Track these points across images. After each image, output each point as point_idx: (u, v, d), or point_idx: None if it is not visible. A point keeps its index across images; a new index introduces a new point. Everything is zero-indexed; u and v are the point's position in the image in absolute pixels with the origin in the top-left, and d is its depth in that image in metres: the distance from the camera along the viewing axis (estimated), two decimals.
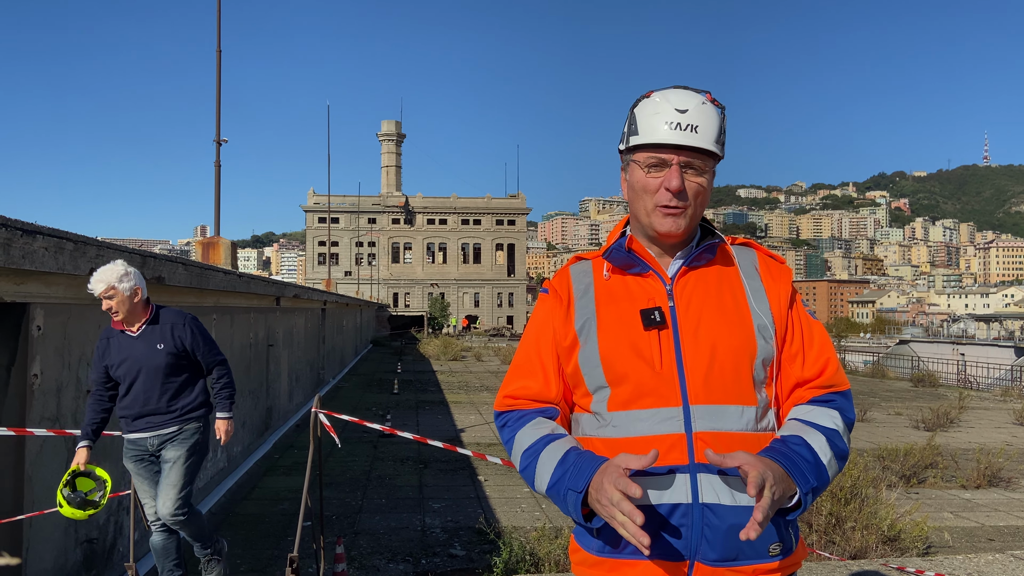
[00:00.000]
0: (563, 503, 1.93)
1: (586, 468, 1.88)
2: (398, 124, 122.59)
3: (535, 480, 2.01)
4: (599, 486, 1.80)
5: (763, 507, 1.73)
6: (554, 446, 1.99)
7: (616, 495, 1.74)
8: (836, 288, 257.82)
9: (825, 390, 2.05)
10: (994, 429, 18.22)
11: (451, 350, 43.70)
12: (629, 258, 2.07)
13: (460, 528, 8.65)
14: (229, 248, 18.56)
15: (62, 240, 4.98)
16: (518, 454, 2.06)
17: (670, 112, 1.98)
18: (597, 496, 1.80)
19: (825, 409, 2.02)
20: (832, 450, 1.94)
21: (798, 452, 1.89)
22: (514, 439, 2.09)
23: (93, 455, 4.91)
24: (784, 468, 1.84)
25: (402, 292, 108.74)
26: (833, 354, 2.10)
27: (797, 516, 1.91)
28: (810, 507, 7.44)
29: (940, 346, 53.00)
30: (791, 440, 1.93)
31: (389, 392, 23.37)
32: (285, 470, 11.72)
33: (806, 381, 2.06)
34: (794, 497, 1.86)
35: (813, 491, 1.89)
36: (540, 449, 2.00)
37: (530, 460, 2.02)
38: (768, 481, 1.75)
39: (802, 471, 1.86)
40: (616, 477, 1.76)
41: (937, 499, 10.57)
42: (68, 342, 5.65)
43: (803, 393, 2.06)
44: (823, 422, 1.98)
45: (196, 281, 8.02)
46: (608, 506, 1.76)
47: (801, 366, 2.06)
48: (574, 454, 1.95)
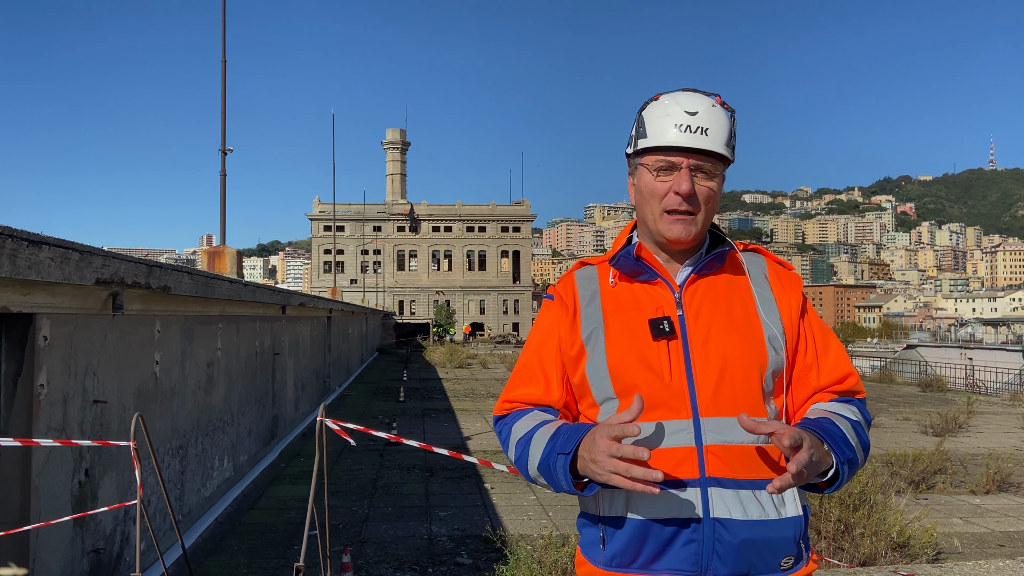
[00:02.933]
0: (553, 475, 1.85)
1: (576, 433, 1.83)
2: (403, 132, 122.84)
3: (528, 464, 1.95)
4: (591, 444, 1.74)
5: (799, 460, 1.68)
6: (547, 427, 1.94)
7: (613, 444, 1.67)
8: (842, 293, 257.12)
9: (842, 395, 2.03)
10: (1003, 434, 18.10)
11: (457, 357, 43.63)
12: (637, 265, 2.02)
13: (467, 536, 8.62)
14: (235, 257, 18.59)
15: (68, 250, 4.98)
16: (513, 445, 2.01)
17: (679, 114, 1.94)
18: (591, 456, 1.73)
19: (845, 405, 2.00)
20: (857, 437, 1.91)
21: (830, 428, 1.86)
22: (510, 433, 2.05)
23: (100, 466, 4.89)
24: (819, 437, 1.80)
25: (407, 300, 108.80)
26: (850, 363, 2.07)
27: (836, 489, 1.86)
28: (817, 513, 7.23)
29: (948, 351, 52.72)
30: (821, 419, 1.90)
31: (395, 400, 23.34)
32: (291, 479, 11.70)
33: (823, 388, 2.03)
34: (828, 471, 1.82)
35: (849, 464, 1.84)
36: (533, 434, 1.96)
37: (524, 447, 1.97)
38: (805, 442, 1.71)
39: (837, 443, 1.82)
40: (609, 427, 1.71)
41: (946, 505, 10.50)
42: (74, 352, 5.66)
43: (821, 396, 2.03)
44: (845, 414, 1.96)
45: (202, 290, 8.03)
46: (605, 460, 1.68)
47: (817, 375, 2.03)
48: (566, 427, 1.90)
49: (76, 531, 5.63)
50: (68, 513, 5.43)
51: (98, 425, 6.01)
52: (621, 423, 1.72)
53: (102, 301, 5.93)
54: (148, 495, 6.80)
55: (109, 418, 6.22)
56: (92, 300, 5.77)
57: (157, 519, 7.16)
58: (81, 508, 5.66)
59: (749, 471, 1.87)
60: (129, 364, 6.70)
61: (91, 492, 5.87)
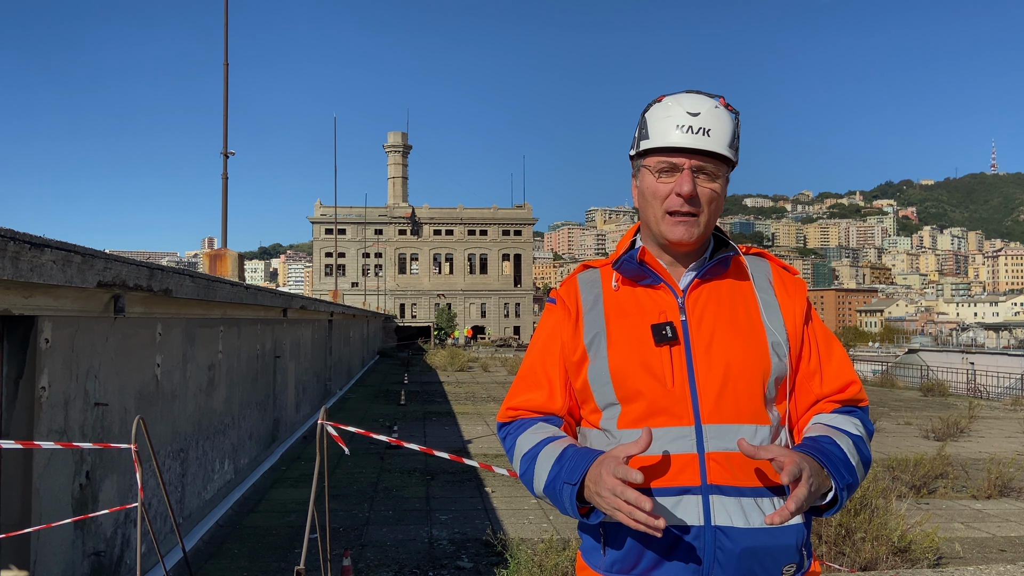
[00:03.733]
0: (559, 500, 1.86)
1: (582, 461, 1.82)
2: (404, 135, 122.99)
3: (533, 482, 1.95)
4: (597, 478, 1.74)
5: (798, 496, 1.68)
6: (552, 446, 1.94)
7: (618, 485, 1.68)
8: (844, 297, 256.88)
9: (845, 404, 2.02)
10: (1005, 439, 18.07)
11: (458, 361, 43.63)
12: (640, 269, 2.01)
13: (467, 540, 8.61)
14: (236, 260, 18.60)
15: (70, 253, 4.99)
16: (518, 459, 2.01)
17: (682, 115, 1.93)
18: (596, 489, 1.74)
19: (848, 417, 1.99)
20: (859, 455, 1.90)
21: (830, 450, 1.85)
22: (515, 445, 2.04)
23: (101, 469, 4.90)
24: (819, 462, 1.79)
25: (409, 303, 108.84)
26: (853, 370, 2.06)
27: (834, 513, 1.86)
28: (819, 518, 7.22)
29: (949, 355, 52.62)
30: (822, 439, 1.89)
31: (396, 403, 23.33)
32: (292, 482, 11.70)
33: (826, 396, 2.02)
34: (827, 495, 1.82)
35: (848, 488, 1.84)
36: (539, 451, 1.95)
37: (529, 463, 1.96)
38: (805, 472, 1.71)
39: (837, 467, 1.82)
40: (615, 466, 1.70)
41: (948, 510, 10.48)
42: (76, 355, 5.66)
43: (824, 405, 2.02)
44: (847, 428, 1.95)
45: (203, 293, 8.03)
46: (610, 497, 1.69)
47: (820, 383, 2.02)
48: (572, 450, 1.89)
49: (77, 534, 5.63)
50: (69, 516, 5.43)
51: (99, 428, 6.01)
52: (627, 456, 1.73)
53: (104, 304, 5.93)
54: (149, 498, 6.80)
55: (110, 421, 6.22)
56: (94, 303, 5.77)
57: (158, 522, 7.15)
58: (82, 511, 5.65)
59: (751, 479, 1.86)
60: (130, 367, 6.70)
61: (92, 495, 5.87)
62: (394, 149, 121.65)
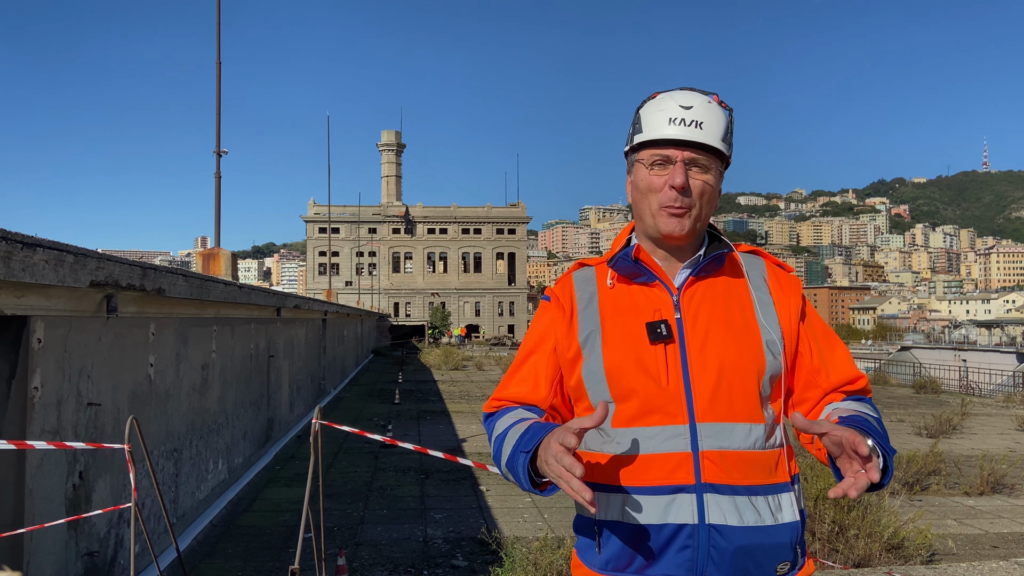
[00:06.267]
0: (516, 472, 1.87)
1: (539, 432, 1.83)
2: (398, 134, 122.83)
3: (500, 459, 1.96)
4: (547, 446, 1.74)
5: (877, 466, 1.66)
6: (520, 425, 1.95)
7: (560, 450, 1.67)
8: (837, 295, 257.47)
9: (854, 395, 2.03)
10: (997, 435, 18.16)
11: (452, 360, 43.61)
12: (635, 267, 2.01)
13: (462, 539, 8.62)
14: (230, 259, 18.56)
15: (62, 253, 4.97)
16: (493, 441, 2.03)
17: (674, 109, 1.95)
18: (545, 456, 1.74)
19: (864, 403, 2.00)
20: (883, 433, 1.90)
21: (871, 426, 1.84)
22: (492, 429, 2.07)
23: (95, 469, 4.89)
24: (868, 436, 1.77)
25: (403, 302, 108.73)
26: (855, 365, 2.07)
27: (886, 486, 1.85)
28: (812, 515, 7.25)
29: (942, 352, 52.86)
30: (856, 418, 1.87)
31: (390, 402, 23.32)
32: (286, 481, 11.68)
33: (835, 388, 2.02)
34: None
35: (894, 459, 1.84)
36: (508, 430, 1.96)
37: (499, 444, 1.98)
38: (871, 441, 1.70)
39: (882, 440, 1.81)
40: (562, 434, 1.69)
41: (940, 506, 10.53)
42: (68, 355, 5.64)
43: (834, 396, 2.03)
44: (870, 412, 1.95)
45: (196, 292, 8.01)
46: (553, 464, 1.69)
47: (827, 376, 2.02)
48: (536, 426, 1.90)
49: (70, 534, 5.61)
50: (62, 516, 5.41)
51: (92, 428, 5.99)
52: (581, 428, 1.71)
53: (96, 303, 5.92)
54: (142, 498, 6.78)
55: (103, 420, 6.20)
56: (86, 302, 5.76)
57: (151, 522, 7.13)
58: (75, 511, 5.64)
59: (745, 477, 1.86)
60: (123, 366, 6.68)
61: (85, 495, 5.85)
62: (388, 147, 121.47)
